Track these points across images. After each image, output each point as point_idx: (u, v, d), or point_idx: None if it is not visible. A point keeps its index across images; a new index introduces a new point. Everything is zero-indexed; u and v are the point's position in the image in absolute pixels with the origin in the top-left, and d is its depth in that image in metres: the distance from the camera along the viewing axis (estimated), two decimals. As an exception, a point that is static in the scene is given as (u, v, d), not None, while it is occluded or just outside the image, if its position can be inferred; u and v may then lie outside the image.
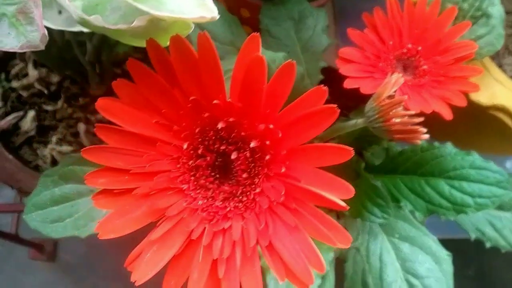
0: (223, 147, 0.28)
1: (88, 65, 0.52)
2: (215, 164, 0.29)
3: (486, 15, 0.46)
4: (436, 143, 0.46)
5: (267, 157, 0.26)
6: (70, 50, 0.50)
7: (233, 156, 0.27)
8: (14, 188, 0.50)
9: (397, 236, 0.44)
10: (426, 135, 0.35)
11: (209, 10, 0.24)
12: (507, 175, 0.42)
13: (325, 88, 0.23)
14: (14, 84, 0.54)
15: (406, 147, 0.48)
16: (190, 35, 0.26)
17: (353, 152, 0.23)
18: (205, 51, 0.24)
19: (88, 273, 0.78)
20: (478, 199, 0.43)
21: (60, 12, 0.31)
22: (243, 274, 0.26)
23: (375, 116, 0.37)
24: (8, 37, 0.22)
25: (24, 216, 0.39)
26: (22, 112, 0.53)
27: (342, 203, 0.23)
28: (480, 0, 0.46)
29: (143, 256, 0.27)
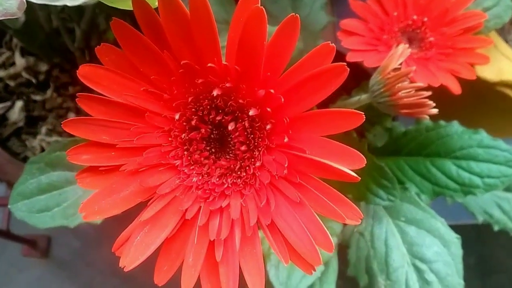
0: (219, 118, 0.25)
1: (77, 51, 0.50)
2: (210, 137, 0.26)
3: (493, -15, 0.44)
4: (442, 122, 0.44)
5: (268, 126, 0.24)
6: (59, 37, 0.48)
7: (230, 127, 0.25)
8: (2, 180, 0.49)
9: (403, 219, 0.42)
10: (435, 110, 0.33)
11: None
12: (516, 154, 0.40)
13: (333, 45, 0.21)
14: (1, 73, 0.52)
15: (410, 127, 0.46)
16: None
17: (364, 117, 0.21)
18: (198, 9, 0.22)
19: (84, 268, 0.76)
20: (487, 179, 0.41)
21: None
22: (243, 256, 0.24)
23: (380, 90, 0.35)
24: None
25: (9, 206, 0.37)
26: (9, 103, 0.51)
27: (353, 173, 0.21)
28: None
29: (133, 239, 0.25)
